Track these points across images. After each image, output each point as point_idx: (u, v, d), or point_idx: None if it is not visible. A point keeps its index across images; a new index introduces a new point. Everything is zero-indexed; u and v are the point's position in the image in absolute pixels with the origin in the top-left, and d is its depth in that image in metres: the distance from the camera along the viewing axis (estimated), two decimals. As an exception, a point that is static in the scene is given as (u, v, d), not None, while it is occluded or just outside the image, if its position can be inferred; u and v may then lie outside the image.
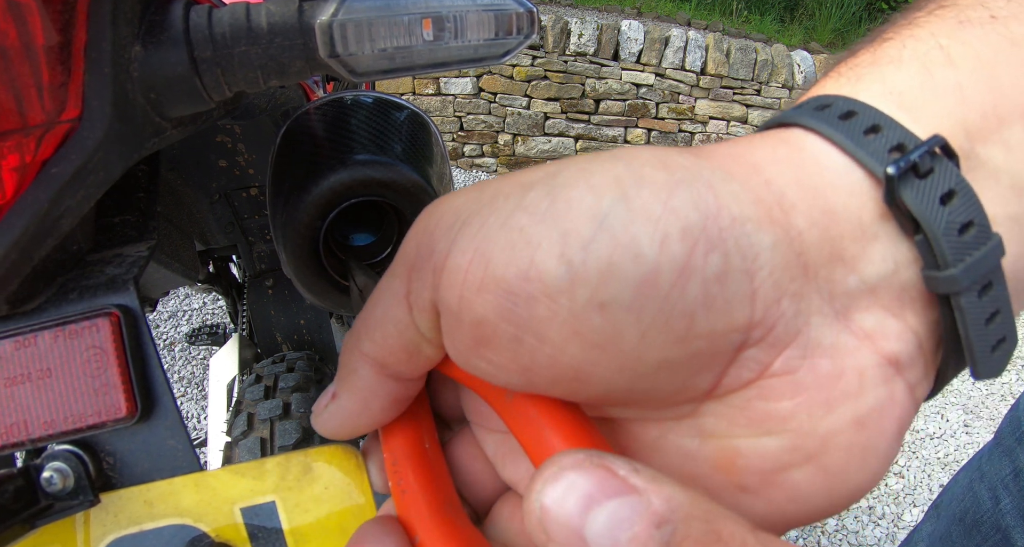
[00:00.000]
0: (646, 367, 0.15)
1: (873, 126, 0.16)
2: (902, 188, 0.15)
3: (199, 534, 0.30)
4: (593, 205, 0.14)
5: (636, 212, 0.14)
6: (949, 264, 0.15)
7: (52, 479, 0.29)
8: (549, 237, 0.14)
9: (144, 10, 0.29)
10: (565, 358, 0.15)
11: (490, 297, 0.15)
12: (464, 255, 0.15)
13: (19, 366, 0.29)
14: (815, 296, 0.15)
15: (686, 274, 0.14)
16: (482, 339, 0.15)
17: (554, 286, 0.14)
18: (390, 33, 0.30)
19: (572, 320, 0.14)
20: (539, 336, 0.14)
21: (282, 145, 0.45)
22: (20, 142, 0.25)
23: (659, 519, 0.12)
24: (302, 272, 0.44)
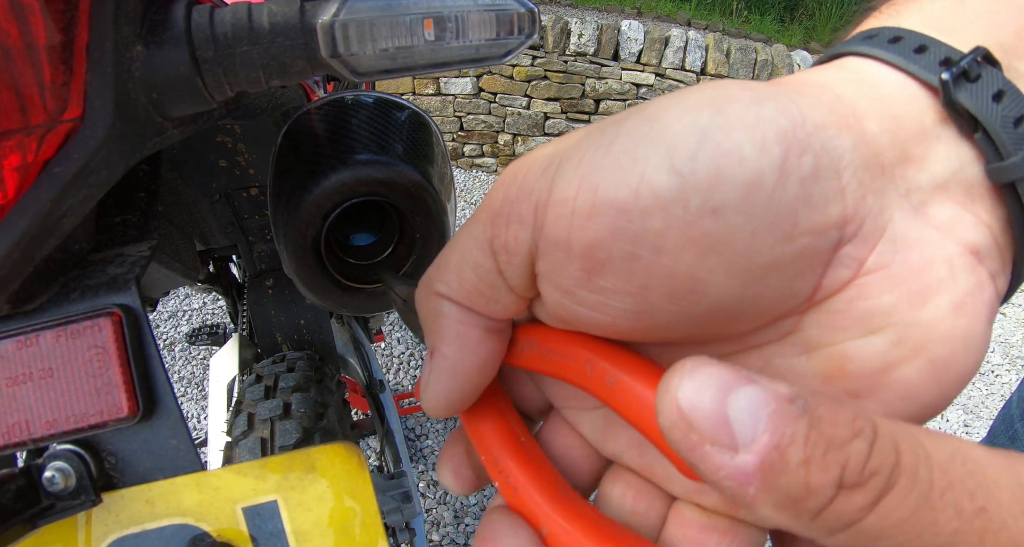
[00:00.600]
0: (757, 268, 0.16)
1: (920, 46, 0.17)
2: (957, 91, 0.16)
3: (200, 533, 0.30)
4: (692, 121, 0.15)
5: (733, 122, 0.15)
6: (1010, 153, 0.16)
7: (54, 479, 0.29)
8: (656, 153, 0.15)
9: (146, 10, 0.29)
10: (682, 268, 0.15)
11: (603, 220, 0.15)
12: (570, 186, 0.16)
13: (21, 366, 0.29)
14: (894, 193, 0.16)
15: (784, 174, 0.15)
16: (595, 266, 0.16)
17: (667, 197, 0.15)
18: (391, 33, 0.30)
19: (687, 228, 0.15)
20: (656, 249, 0.15)
21: (283, 145, 0.45)
22: (22, 142, 0.25)
23: (790, 396, 0.13)
24: (303, 272, 0.44)
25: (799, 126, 0.15)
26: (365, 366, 0.98)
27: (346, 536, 0.32)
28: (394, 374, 1.95)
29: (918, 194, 0.17)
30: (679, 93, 0.16)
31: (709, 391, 0.13)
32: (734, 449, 0.13)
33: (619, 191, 0.15)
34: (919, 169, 0.17)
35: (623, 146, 0.16)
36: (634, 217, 0.15)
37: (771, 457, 0.12)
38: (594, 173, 0.16)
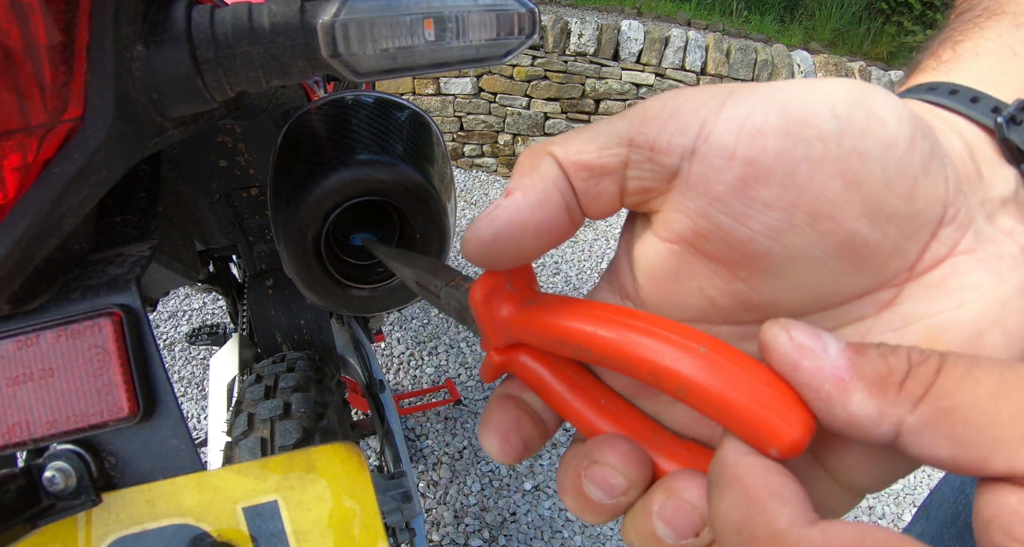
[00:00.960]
0: (883, 214, 0.18)
1: (974, 98, 0.22)
2: (1009, 131, 0.21)
3: (201, 533, 0.30)
4: (848, 90, 0.19)
5: (879, 97, 0.19)
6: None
7: (54, 479, 0.29)
8: (820, 101, 0.18)
9: (146, 10, 0.29)
10: (828, 193, 0.18)
11: (772, 138, 0.18)
12: (741, 108, 0.18)
13: (21, 366, 0.29)
14: (976, 201, 0.20)
15: (912, 146, 0.18)
16: (753, 176, 0.18)
17: (828, 133, 0.18)
18: (392, 33, 0.30)
19: (839, 161, 0.18)
20: (811, 171, 0.18)
21: (283, 145, 0.45)
22: (22, 142, 0.25)
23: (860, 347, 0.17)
24: (303, 272, 0.44)
25: (921, 119, 0.19)
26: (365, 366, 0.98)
27: (346, 536, 0.32)
28: (394, 374, 1.95)
29: (989, 205, 0.20)
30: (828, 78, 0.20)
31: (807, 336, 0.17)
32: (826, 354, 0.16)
33: (790, 118, 0.18)
34: (989, 186, 0.20)
35: (791, 91, 0.19)
36: (799, 141, 0.18)
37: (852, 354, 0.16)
38: (765, 102, 0.18)
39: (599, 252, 2.83)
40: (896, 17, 5.33)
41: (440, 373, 1.95)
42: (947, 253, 0.19)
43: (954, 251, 0.19)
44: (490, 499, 1.53)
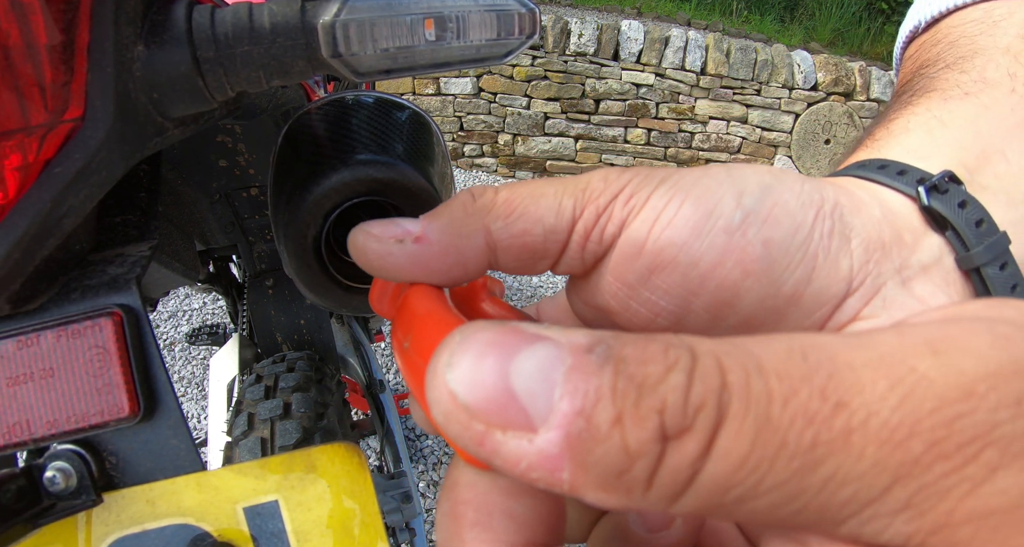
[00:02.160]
0: (782, 297, 0.19)
1: (901, 170, 0.22)
2: (932, 200, 0.21)
3: (201, 533, 0.30)
4: (759, 179, 0.20)
5: (788, 186, 0.20)
6: (973, 246, 0.21)
7: (55, 479, 0.29)
8: (729, 193, 0.19)
9: (147, 10, 0.29)
10: (727, 282, 0.19)
11: (680, 231, 0.19)
12: (662, 199, 0.19)
13: (22, 366, 0.29)
14: (889, 266, 0.20)
15: (813, 229, 0.19)
16: (659, 266, 0.19)
17: (732, 224, 0.19)
18: (392, 33, 0.30)
19: (741, 251, 0.19)
20: (713, 261, 0.19)
21: (283, 145, 0.45)
22: (23, 142, 0.25)
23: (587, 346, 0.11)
24: (304, 272, 0.44)
25: (826, 201, 0.20)
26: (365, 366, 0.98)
27: (346, 536, 0.32)
28: (394, 374, 1.95)
29: (907, 271, 0.20)
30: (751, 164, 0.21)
31: (486, 364, 0.11)
32: (531, 429, 0.10)
33: (698, 211, 0.19)
34: (910, 252, 0.21)
35: (707, 183, 0.20)
36: (704, 233, 0.19)
37: (576, 427, 0.10)
38: (682, 195, 0.19)
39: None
40: (896, 17, 5.33)
41: (440, 373, 1.94)
42: (847, 320, 0.20)
43: (856, 317, 0.20)
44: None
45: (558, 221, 0.20)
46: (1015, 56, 0.27)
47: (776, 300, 0.19)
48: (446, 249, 0.19)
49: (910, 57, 0.36)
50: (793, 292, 0.19)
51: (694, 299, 0.19)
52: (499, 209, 0.20)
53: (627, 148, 3.49)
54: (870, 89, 3.41)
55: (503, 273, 0.31)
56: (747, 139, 3.50)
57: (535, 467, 0.10)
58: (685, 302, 0.19)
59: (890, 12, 5.35)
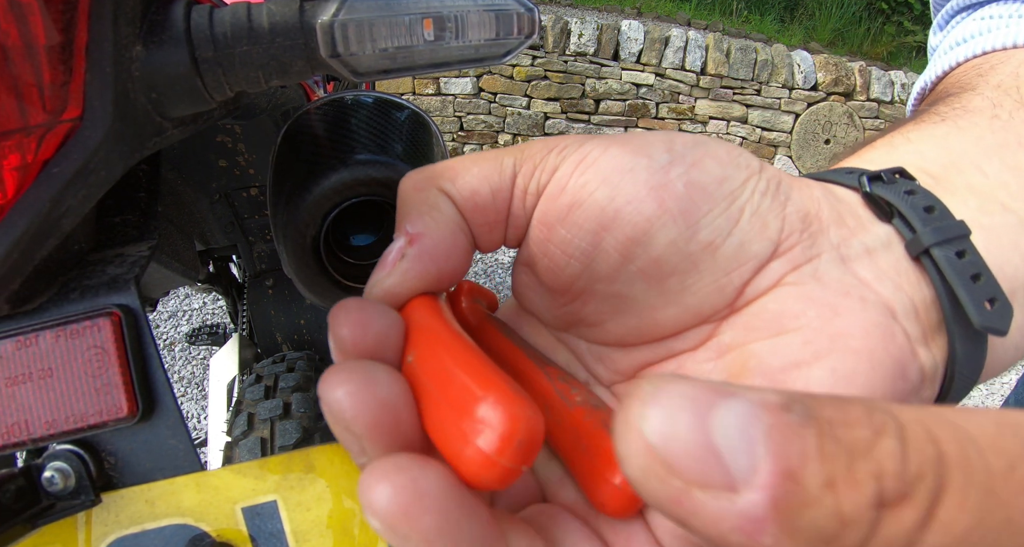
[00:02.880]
0: (696, 244, 0.18)
1: (850, 171, 0.22)
2: (874, 187, 0.21)
3: (200, 533, 0.30)
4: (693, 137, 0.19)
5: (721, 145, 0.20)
6: (919, 228, 0.19)
7: (53, 479, 0.29)
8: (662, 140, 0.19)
9: (145, 10, 0.29)
10: (641, 216, 0.18)
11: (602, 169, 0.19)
12: (590, 146, 0.19)
13: (20, 366, 0.29)
14: (826, 243, 0.19)
15: (745, 184, 0.19)
16: (578, 201, 0.19)
17: (657, 163, 0.18)
18: (391, 33, 0.30)
19: (660, 187, 0.18)
20: (631, 195, 0.18)
21: (283, 145, 0.45)
22: (21, 142, 0.25)
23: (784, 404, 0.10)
24: (303, 272, 0.44)
25: (766, 170, 0.20)
26: (365, 366, 0.98)
27: (346, 536, 0.32)
28: (394, 374, 1.94)
29: (847, 249, 0.19)
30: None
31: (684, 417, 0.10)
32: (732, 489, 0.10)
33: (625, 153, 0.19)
34: (851, 233, 0.20)
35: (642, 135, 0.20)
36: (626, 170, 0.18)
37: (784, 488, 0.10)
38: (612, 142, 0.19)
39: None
40: (896, 17, 5.33)
41: (440, 373, 1.94)
42: (770, 286, 0.19)
43: (779, 283, 0.19)
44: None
45: (501, 178, 0.20)
46: (1005, 90, 0.26)
47: (690, 245, 0.18)
48: (436, 232, 0.19)
49: None
50: (710, 240, 0.18)
51: (606, 234, 0.18)
52: (444, 172, 0.20)
53: (627, 148, 3.48)
54: (870, 89, 3.41)
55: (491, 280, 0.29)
56: (747, 139, 3.50)
57: (736, 529, 0.10)
58: (597, 238, 0.18)
59: (890, 12, 5.35)
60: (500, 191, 0.20)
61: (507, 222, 0.20)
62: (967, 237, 0.19)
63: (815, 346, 0.17)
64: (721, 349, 0.19)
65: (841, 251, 0.19)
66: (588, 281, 0.19)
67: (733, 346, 0.19)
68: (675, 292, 0.19)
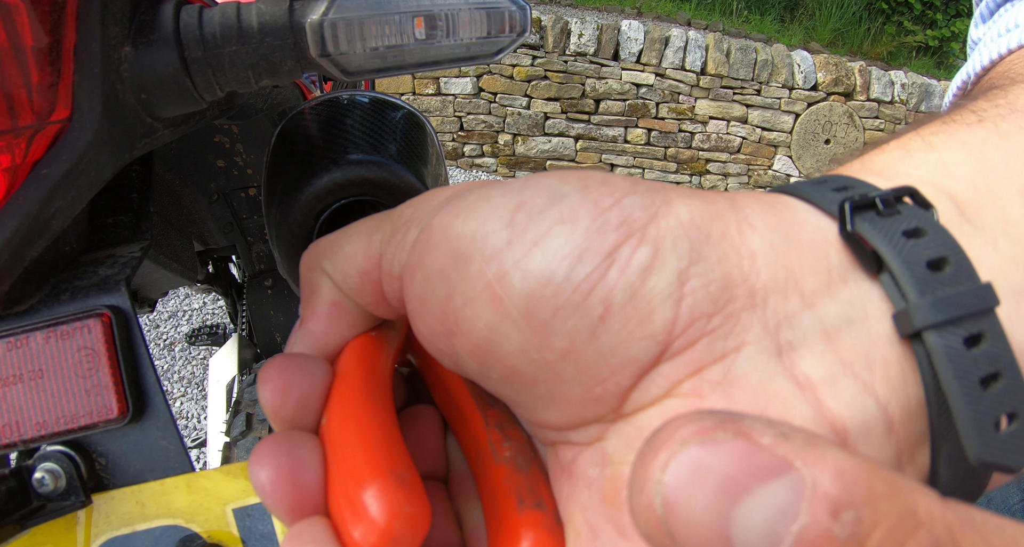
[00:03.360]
0: (552, 353, 0.14)
1: (841, 186, 0.16)
2: (860, 222, 0.14)
3: (191, 534, 0.30)
4: (555, 187, 0.15)
5: (588, 200, 0.14)
6: (913, 298, 0.13)
7: (44, 480, 0.29)
8: (507, 205, 0.15)
9: (134, 10, 0.29)
10: (480, 323, 0.15)
11: (439, 253, 0.15)
12: (440, 217, 0.16)
13: (10, 367, 0.29)
14: (756, 324, 0.14)
15: (611, 261, 0.14)
16: (423, 299, 0.16)
17: (492, 248, 0.14)
18: (381, 32, 0.30)
19: (496, 283, 0.14)
20: (465, 296, 0.15)
21: (277, 145, 0.45)
22: (10, 143, 0.25)
23: (834, 504, 0.09)
24: (296, 272, 0.44)
25: (658, 219, 0.14)
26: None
27: (338, 537, 0.32)
28: (394, 374, 1.95)
29: (791, 332, 0.14)
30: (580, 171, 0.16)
31: (708, 498, 0.09)
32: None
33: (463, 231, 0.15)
34: (805, 305, 0.14)
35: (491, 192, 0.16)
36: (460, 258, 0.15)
37: None
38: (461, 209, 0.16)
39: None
40: (896, 17, 5.33)
41: (440, 373, 1.94)
42: (659, 396, 0.14)
43: (669, 394, 0.14)
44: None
45: (367, 259, 0.18)
46: None
47: (544, 353, 0.14)
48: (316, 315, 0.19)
49: None
50: (568, 347, 0.14)
51: (454, 339, 0.15)
52: (326, 250, 0.19)
53: (627, 148, 3.48)
54: (870, 89, 3.40)
55: None
56: (747, 139, 3.50)
57: None
58: (450, 342, 0.15)
59: (890, 12, 5.35)
60: (367, 273, 0.18)
61: (387, 302, 0.18)
62: (990, 313, 0.13)
63: None
64: (604, 458, 0.15)
65: (781, 337, 0.14)
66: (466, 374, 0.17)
67: (614, 460, 0.15)
68: (546, 399, 0.15)
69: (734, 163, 3.56)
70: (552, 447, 0.17)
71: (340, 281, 0.19)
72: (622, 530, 0.14)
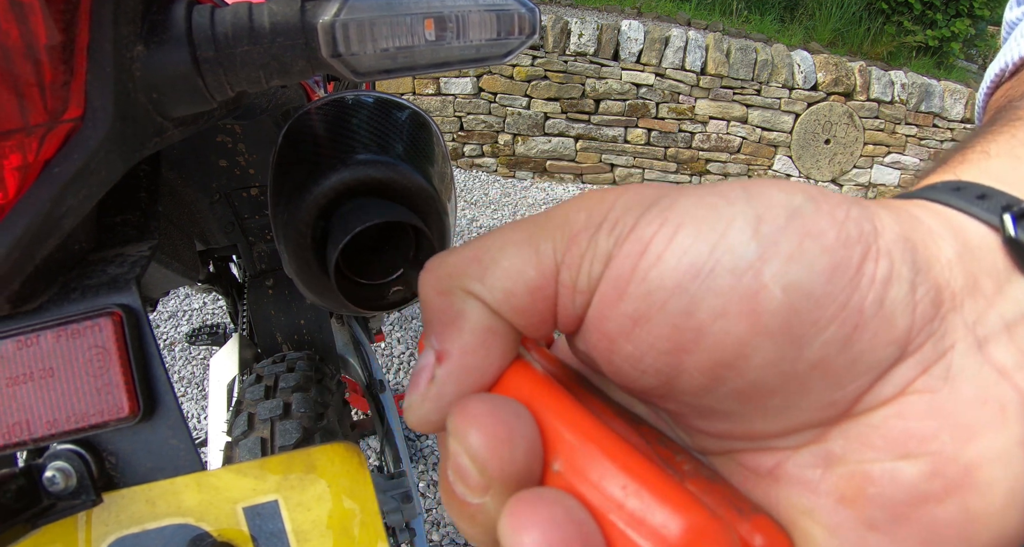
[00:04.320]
0: (804, 364, 0.15)
1: (982, 194, 0.18)
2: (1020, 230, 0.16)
3: (201, 533, 0.30)
4: (786, 199, 0.15)
5: (823, 212, 0.15)
6: None
7: (54, 478, 0.29)
8: (744, 216, 0.15)
9: (146, 10, 0.29)
10: (730, 338, 0.14)
11: (671, 268, 0.15)
12: (651, 226, 0.15)
13: (21, 366, 0.29)
14: (959, 323, 0.15)
15: (860, 273, 0.15)
16: (645, 315, 0.15)
17: (743, 261, 0.14)
18: (392, 33, 0.30)
19: (751, 298, 0.14)
20: (713, 311, 0.14)
21: (283, 145, 0.45)
22: (22, 142, 0.25)
23: None
24: (303, 272, 0.44)
25: (881, 234, 0.15)
26: (365, 366, 0.98)
27: (346, 536, 0.32)
28: (394, 374, 1.95)
29: (983, 328, 0.15)
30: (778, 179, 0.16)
31: None
32: None
33: (696, 242, 0.15)
34: (989, 304, 0.16)
35: (713, 201, 0.15)
36: (702, 272, 0.14)
37: None
38: (678, 217, 0.15)
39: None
40: (896, 17, 5.34)
41: (440, 373, 1.94)
42: (895, 394, 0.15)
43: (905, 391, 0.15)
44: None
45: (540, 273, 0.16)
46: None
47: (796, 365, 0.14)
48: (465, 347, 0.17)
49: (996, 101, 0.30)
50: (820, 358, 0.14)
51: (686, 356, 0.15)
52: (469, 267, 0.17)
53: (627, 148, 3.49)
54: (870, 89, 3.41)
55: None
56: (747, 139, 3.50)
57: None
58: (675, 359, 0.15)
59: (890, 12, 5.36)
60: (540, 289, 0.16)
61: (554, 320, 0.17)
62: None
63: (945, 479, 0.14)
64: (829, 459, 0.16)
65: (977, 333, 0.15)
66: (667, 391, 0.16)
67: (844, 459, 0.15)
68: (776, 409, 0.15)
69: (734, 163, 3.56)
70: (727, 455, 0.17)
71: (499, 302, 0.17)
72: (872, 524, 0.15)
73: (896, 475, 0.15)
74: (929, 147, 3.55)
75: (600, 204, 0.16)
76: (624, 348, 0.16)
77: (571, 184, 3.52)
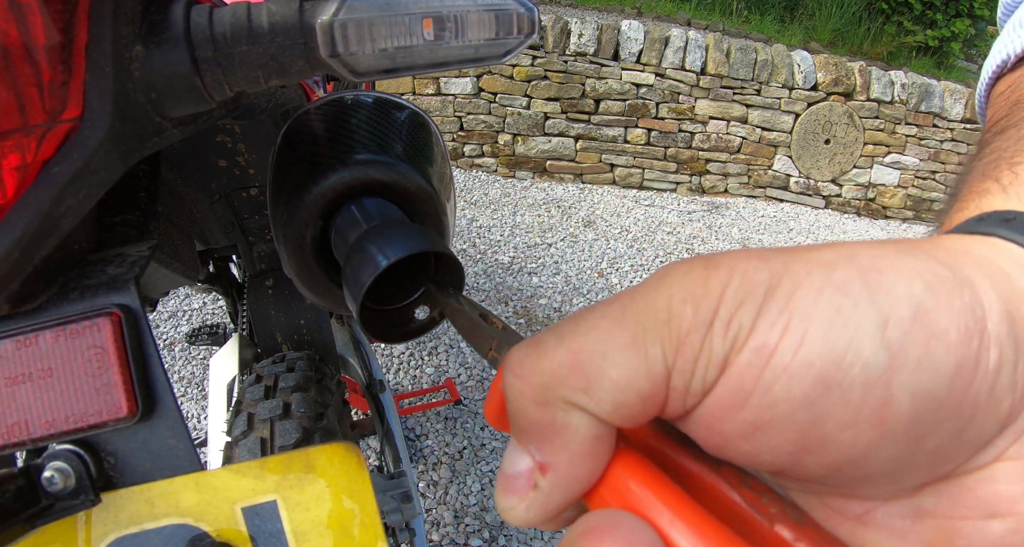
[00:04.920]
0: (921, 455, 0.15)
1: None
2: None
3: (200, 533, 0.30)
4: (907, 292, 0.15)
5: (943, 305, 0.15)
6: None
7: (53, 479, 0.29)
8: (869, 320, 0.14)
9: (145, 10, 0.29)
10: (857, 445, 0.15)
11: (800, 380, 0.14)
12: (773, 330, 0.15)
13: (20, 366, 0.29)
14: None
15: (977, 364, 0.15)
16: (768, 423, 0.15)
17: (874, 373, 0.14)
18: (391, 33, 0.30)
19: (880, 408, 0.14)
20: (841, 422, 0.14)
21: (283, 145, 0.45)
22: (21, 142, 0.25)
23: None
24: (303, 272, 0.44)
25: (990, 314, 0.15)
26: (365, 366, 0.98)
27: (345, 536, 0.32)
28: (394, 374, 1.95)
29: None
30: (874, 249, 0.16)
31: None
32: None
33: (825, 355, 0.14)
34: None
35: (833, 299, 0.15)
36: (832, 386, 0.14)
37: None
38: (801, 322, 0.15)
39: (599, 252, 2.83)
40: (896, 17, 5.33)
41: (440, 373, 1.95)
42: (989, 462, 0.16)
43: (999, 459, 0.15)
44: (490, 499, 1.53)
45: (651, 382, 0.15)
46: None
47: (914, 456, 0.15)
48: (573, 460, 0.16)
49: (1001, 94, 0.30)
50: (936, 448, 0.15)
51: (807, 456, 0.15)
52: (571, 377, 0.16)
53: (627, 148, 3.49)
54: (870, 89, 3.41)
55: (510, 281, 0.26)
56: (747, 139, 3.50)
57: None
58: (794, 459, 0.15)
59: (890, 12, 5.36)
60: (652, 398, 0.16)
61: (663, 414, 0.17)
62: None
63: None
64: (920, 512, 0.16)
65: None
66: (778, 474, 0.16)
67: (935, 514, 0.16)
68: (883, 482, 0.16)
69: (734, 163, 3.56)
70: (815, 496, 0.17)
71: (609, 412, 0.16)
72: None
73: (984, 531, 0.15)
74: (929, 147, 3.55)
75: (707, 294, 0.15)
76: (740, 446, 0.16)
77: (571, 184, 3.52)
